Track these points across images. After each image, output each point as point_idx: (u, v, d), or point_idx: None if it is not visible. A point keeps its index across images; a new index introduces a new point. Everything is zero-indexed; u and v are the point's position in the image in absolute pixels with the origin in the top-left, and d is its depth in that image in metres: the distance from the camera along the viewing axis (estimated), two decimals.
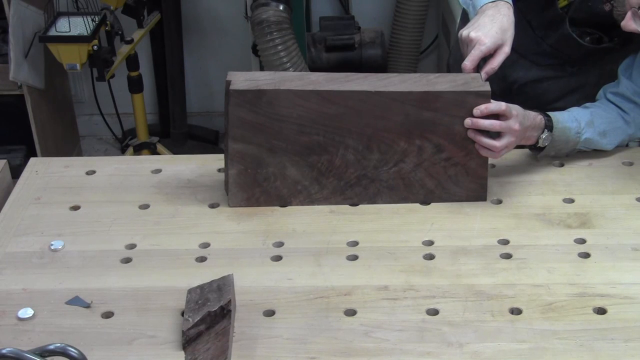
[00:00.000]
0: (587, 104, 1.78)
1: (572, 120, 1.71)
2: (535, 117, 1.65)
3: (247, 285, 1.45)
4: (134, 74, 3.21)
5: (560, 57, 1.87)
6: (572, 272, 1.46)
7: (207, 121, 3.79)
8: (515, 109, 1.60)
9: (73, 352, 1.18)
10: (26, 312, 1.39)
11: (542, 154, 1.71)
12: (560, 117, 1.69)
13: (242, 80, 1.60)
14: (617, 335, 1.32)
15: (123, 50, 3.08)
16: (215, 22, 3.62)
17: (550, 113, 1.69)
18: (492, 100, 1.57)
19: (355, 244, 1.55)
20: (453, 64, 2.05)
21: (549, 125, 1.67)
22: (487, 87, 1.58)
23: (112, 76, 3.05)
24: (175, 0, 3.46)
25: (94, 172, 1.79)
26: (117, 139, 3.76)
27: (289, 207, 1.65)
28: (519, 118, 1.60)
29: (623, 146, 1.81)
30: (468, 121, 1.58)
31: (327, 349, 1.32)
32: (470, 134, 1.59)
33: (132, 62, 3.18)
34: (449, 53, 2.34)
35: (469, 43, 1.61)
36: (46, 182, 1.76)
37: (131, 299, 1.43)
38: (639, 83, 1.75)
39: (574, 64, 1.88)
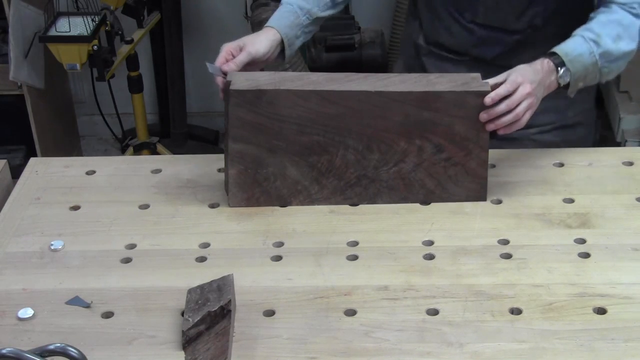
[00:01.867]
0: (586, 24, 1.71)
1: (579, 44, 1.66)
2: (543, 65, 1.63)
3: (247, 285, 1.45)
4: (134, 74, 3.21)
5: (502, 34, 1.84)
6: (572, 272, 1.46)
7: (207, 121, 3.78)
8: (519, 73, 1.59)
9: (73, 352, 1.18)
10: (26, 312, 1.39)
11: (571, 90, 1.67)
12: (567, 48, 1.66)
13: (243, 80, 1.60)
14: (617, 335, 1.32)
15: (123, 50, 3.08)
16: (215, 22, 3.62)
17: (555, 49, 1.66)
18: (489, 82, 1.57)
19: (355, 244, 1.55)
20: None
21: (559, 63, 1.64)
22: (487, 87, 1.58)
23: (112, 76, 3.05)
24: (175, 0, 3.46)
25: (94, 172, 1.79)
26: (117, 139, 3.76)
27: (289, 207, 1.65)
28: (527, 78, 1.58)
29: None
30: (484, 115, 1.57)
31: (327, 349, 1.32)
32: (490, 127, 1.58)
33: (132, 62, 3.18)
34: None
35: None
36: (46, 182, 1.76)
37: (131, 299, 1.43)
38: None
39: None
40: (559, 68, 1.64)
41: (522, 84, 1.58)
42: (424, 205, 1.66)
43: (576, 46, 1.66)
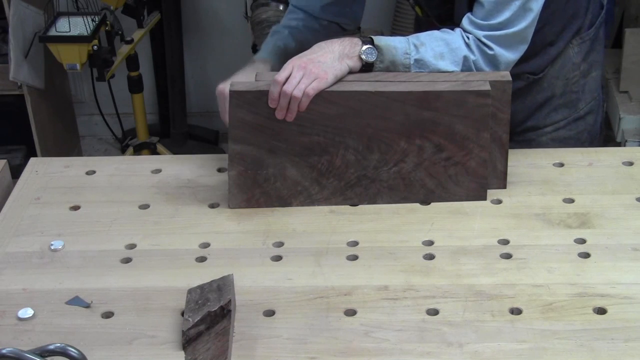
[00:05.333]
0: (419, 33, 1.70)
1: (398, 40, 1.64)
2: (346, 37, 1.62)
3: (247, 285, 1.45)
4: (134, 74, 3.22)
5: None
6: (572, 272, 1.46)
7: (207, 121, 3.79)
8: (290, 62, 1.58)
9: (73, 352, 1.18)
10: (26, 312, 1.39)
11: (374, 69, 1.63)
12: (383, 37, 1.64)
13: (242, 81, 1.60)
14: (617, 335, 1.32)
15: (123, 50, 3.09)
16: (215, 22, 3.62)
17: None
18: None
19: (355, 244, 1.55)
20: None
21: (366, 41, 1.62)
22: (486, 87, 1.58)
23: (112, 76, 3.05)
24: (175, 0, 3.47)
25: (94, 172, 1.79)
26: (117, 139, 3.76)
27: (289, 207, 1.65)
28: (296, 57, 1.58)
29: (470, 70, 1.67)
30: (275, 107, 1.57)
31: (327, 349, 1.32)
32: (279, 114, 1.57)
33: (132, 62, 3.18)
34: None
35: None
36: (46, 182, 1.76)
37: (131, 299, 1.43)
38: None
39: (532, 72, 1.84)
40: (365, 44, 1.61)
41: (289, 64, 1.56)
42: (424, 205, 1.66)
43: (394, 40, 1.64)
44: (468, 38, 1.65)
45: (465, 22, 1.67)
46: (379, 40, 1.63)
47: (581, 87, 1.89)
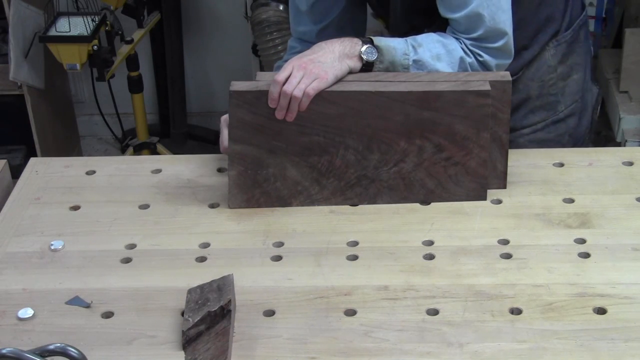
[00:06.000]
0: (417, 35, 1.71)
1: (397, 41, 1.65)
2: (346, 38, 1.62)
3: (247, 285, 1.45)
4: (134, 74, 3.22)
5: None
6: (572, 272, 1.46)
7: (207, 121, 3.79)
8: (290, 62, 1.58)
9: (73, 352, 1.18)
10: (26, 312, 1.39)
11: (374, 69, 1.64)
12: (383, 38, 1.65)
13: (243, 82, 1.60)
14: (617, 335, 1.32)
15: (123, 50, 3.09)
16: (215, 22, 3.62)
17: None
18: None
19: (355, 244, 1.55)
20: None
21: (366, 41, 1.62)
22: (486, 87, 1.58)
23: (112, 76, 3.06)
24: (175, 0, 3.47)
25: (94, 172, 1.79)
26: (117, 139, 3.76)
27: (289, 207, 1.65)
28: (296, 57, 1.58)
29: (466, 71, 1.69)
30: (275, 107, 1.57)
31: (327, 349, 1.32)
32: (279, 114, 1.57)
33: (132, 62, 3.19)
34: None
35: None
36: (46, 182, 1.76)
37: (131, 299, 1.43)
38: None
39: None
40: (364, 44, 1.62)
41: (289, 65, 1.57)
42: (424, 205, 1.66)
43: (393, 41, 1.65)
44: (461, 42, 1.68)
45: (449, 32, 1.70)
46: (379, 41, 1.63)
47: (560, 90, 1.89)
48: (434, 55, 1.65)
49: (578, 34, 1.89)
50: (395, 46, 1.64)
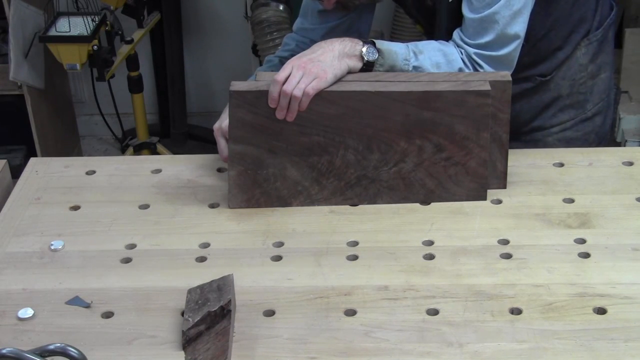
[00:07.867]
0: (418, 42, 1.72)
1: (399, 46, 1.66)
2: (341, 38, 1.62)
3: (247, 285, 1.45)
4: (134, 74, 3.22)
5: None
6: (572, 272, 1.46)
7: (207, 121, 3.78)
8: (290, 62, 1.58)
9: (73, 352, 1.18)
10: (26, 312, 1.39)
11: (374, 69, 1.64)
12: (384, 42, 1.65)
13: (243, 82, 1.60)
14: (617, 335, 1.32)
15: (123, 50, 3.09)
16: (215, 22, 3.62)
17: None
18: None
19: (355, 244, 1.55)
20: None
21: (367, 42, 1.63)
22: (486, 87, 1.58)
23: (112, 76, 3.05)
24: (175, 0, 3.47)
25: (94, 172, 1.79)
26: (117, 139, 3.76)
27: (289, 207, 1.65)
28: (295, 57, 1.58)
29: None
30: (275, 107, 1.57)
31: (327, 349, 1.32)
32: (279, 114, 1.57)
33: (132, 62, 3.18)
34: None
35: None
36: (46, 182, 1.76)
37: (131, 299, 1.43)
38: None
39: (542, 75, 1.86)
40: (365, 44, 1.62)
41: (289, 64, 1.57)
42: (424, 205, 1.66)
43: (395, 45, 1.66)
44: (462, 53, 1.68)
45: (456, 37, 1.70)
46: (381, 44, 1.64)
47: (589, 89, 1.90)
48: (434, 64, 1.66)
49: (607, 33, 1.90)
50: (397, 51, 1.64)
